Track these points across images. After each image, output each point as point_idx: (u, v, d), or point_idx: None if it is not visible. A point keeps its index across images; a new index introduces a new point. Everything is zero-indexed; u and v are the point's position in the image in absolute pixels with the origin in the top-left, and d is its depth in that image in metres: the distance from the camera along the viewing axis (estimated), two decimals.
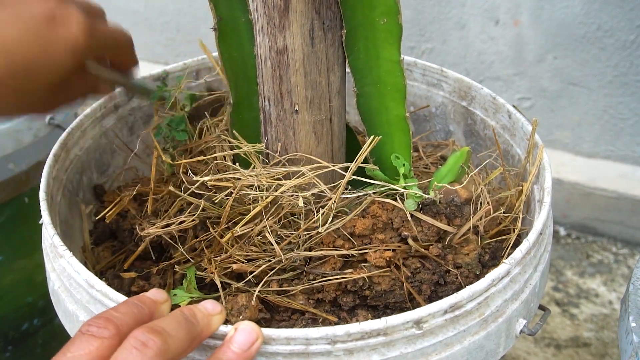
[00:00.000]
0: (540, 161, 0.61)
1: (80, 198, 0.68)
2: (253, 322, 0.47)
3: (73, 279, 0.53)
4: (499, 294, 0.51)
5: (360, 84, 0.60)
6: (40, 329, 0.99)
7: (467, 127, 0.74)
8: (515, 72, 1.31)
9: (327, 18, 0.54)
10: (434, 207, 0.58)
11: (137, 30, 1.64)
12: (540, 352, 1.14)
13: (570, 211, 1.37)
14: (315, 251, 0.56)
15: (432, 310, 0.47)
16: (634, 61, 1.20)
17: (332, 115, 0.59)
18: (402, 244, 0.58)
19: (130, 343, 0.41)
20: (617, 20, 1.17)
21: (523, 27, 1.25)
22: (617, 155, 1.32)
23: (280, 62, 0.55)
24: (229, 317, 0.53)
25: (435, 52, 1.36)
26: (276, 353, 0.46)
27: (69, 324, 0.55)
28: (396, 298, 0.56)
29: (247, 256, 0.56)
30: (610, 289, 1.25)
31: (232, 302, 0.54)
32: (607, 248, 1.34)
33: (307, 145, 0.59)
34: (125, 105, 0.73)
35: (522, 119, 0.66)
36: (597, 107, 1.28)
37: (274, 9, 0.53)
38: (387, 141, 0.62)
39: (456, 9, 1.29)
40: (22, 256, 0.93)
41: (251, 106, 0.64)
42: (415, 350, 0.48)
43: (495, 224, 0.61)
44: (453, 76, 0.74)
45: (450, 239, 0.59)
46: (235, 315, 0.53)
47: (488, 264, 0.60)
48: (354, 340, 0.46)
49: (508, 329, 0.52)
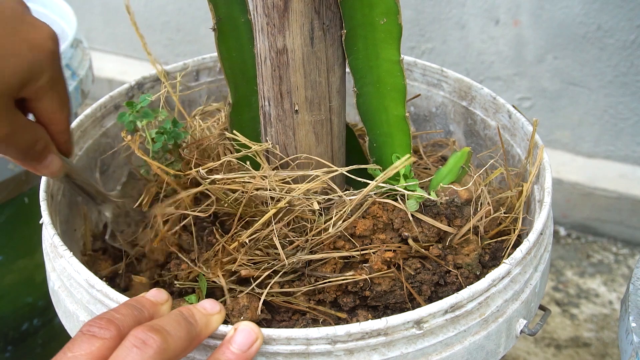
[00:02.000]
0: (541, 161, 0.61)
1: (80, 198, 0.68)
2: (253, 323, 0.47)
3: (73, 279, 0.53)
4: (499, 294, 0.51)
5: (360, 84, 0.59)
6: (40, 329, 0.99)
7: (467, 127, 0.74)
8: (515, 72, 1.31)
9: (326, 18, 0.54)
10: (435, 207, 0.58)
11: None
12: (540, 352, 1.14)
13: (570, 211, 1.37)
14: (318, 254, 0.56)
15: (433, 310, 0.47)
16: (634, 61, 1.20)
17: (332, 115, 0.59)
18: (402, 245, 0.58)
19: (130, 341, 0.41)
20: (617, 20, 1.17)
21: (523, 27, 1.25)
22: (617, 155, 1.32)
23: (280, 62, 0.55)
24: (230, 318, 0.53)
25: (435, 52, 1.36)
26: (277, 353, 0.46)
27: (69, 324, 0.55)
28: (396, 298, 0.56)
29: (250, 259, 0.56)
30: (611, 289, 1.25)
31: (234, 303, 0.54)
32: (607, 248, 1.34)
33: (307, 145, 0.59)
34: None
35: (522, 119, 0.66)
36: (597, 107, 1.28)
37: (273, 9, 0.53)
38: (387, 141, 0.62)
39: (456, 9, 1.29)
40: (22, 256, 0.93)
41: (250, 106, 0.64)
42: (416, 350, 0.48)
43: (495, 224, 0.61)
44: (453, 76, 0.74)
45: (451, 239, 0.59)
46: (237, 316, 0.53)
47: (488, 265, 0.60)
48: (355, 340, 0.46)
49: (508, 329, 0.52)
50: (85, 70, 0.91)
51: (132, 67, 1.69)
